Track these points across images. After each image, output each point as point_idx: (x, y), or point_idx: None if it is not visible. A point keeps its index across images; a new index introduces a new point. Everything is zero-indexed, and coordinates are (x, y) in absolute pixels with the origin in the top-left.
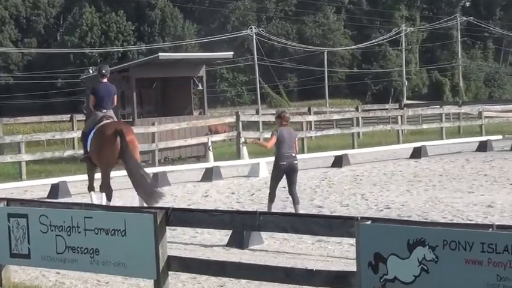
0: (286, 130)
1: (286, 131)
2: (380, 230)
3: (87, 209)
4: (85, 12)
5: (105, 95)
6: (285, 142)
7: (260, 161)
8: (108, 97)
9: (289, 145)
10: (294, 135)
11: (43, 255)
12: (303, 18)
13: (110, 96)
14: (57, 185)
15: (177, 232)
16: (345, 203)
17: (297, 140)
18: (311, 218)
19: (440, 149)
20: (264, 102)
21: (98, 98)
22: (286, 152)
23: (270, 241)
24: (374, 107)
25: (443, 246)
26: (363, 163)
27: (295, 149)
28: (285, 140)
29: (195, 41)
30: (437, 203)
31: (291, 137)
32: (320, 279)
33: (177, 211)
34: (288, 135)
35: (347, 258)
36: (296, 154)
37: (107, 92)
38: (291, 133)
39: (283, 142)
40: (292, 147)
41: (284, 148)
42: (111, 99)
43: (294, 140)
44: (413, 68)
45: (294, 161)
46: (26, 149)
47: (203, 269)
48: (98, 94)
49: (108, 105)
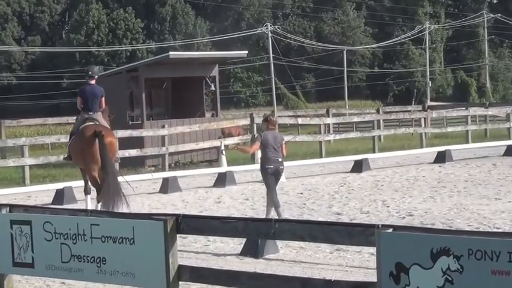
0: (271, 134)
1: (271, 134)
2: (402, 238)
3: (94, 216)
4: (92, 8)
5: (91, 97)
6: (270, 146)
7: None
8: (94, 99)
9: (275, 149)
10: (279, 139)
11: (47, 264)
12: (321, 15)
13: (96, 99)
14: (62, 191)
15: (188, 240)
16: (365, 209)
17: (283, 143)
18: (329, 225)
19: (466, 153)
20: (279, 103)
21: (84, 100)
22: (272, 156)
23: (286, 250)
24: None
25: (469, 256)
26: (384, 168)
27: (281, 153)
28: (269, 144)
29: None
30: (463, 210)
31: (276, 140)
32: None
33: (188, 218)
34: (273, 139)
35: (367, 268)
36: (282, 158)
37: (92, 94)
38: (276, 137)
39: (267, 146)
40: (278, 151)
41: (269, 152)
42: (97, 101)
43: (280, 143)
44: (438, 67)
45: (280, 166)
46: (30, 153)
47: (215, 279)
48: (84, 96)
49: (94, 108)
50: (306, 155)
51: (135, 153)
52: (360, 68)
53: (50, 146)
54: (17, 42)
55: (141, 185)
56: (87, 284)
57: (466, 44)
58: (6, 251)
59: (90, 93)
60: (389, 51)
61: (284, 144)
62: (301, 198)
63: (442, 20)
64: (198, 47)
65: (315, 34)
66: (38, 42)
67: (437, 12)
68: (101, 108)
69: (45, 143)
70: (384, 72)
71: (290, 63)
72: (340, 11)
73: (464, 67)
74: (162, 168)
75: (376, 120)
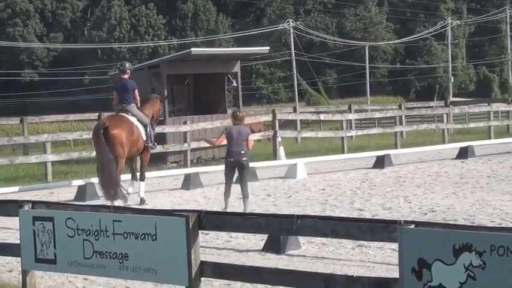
0: (236, 129)
1: (236, 129)
2: (424, 234)
3: (116, 212)
4: (113, 5)
5: (123, 90)
6: (233, 140)
7: (298, 161)
8: (125, 92)
9: (238, 143)
10: (244, 133)
11: (70, 261)
12: (343, 11)
13: (127, 92)
14: (85, 187)
15: (210, 236)
16: (387, 205)
17: (249, 137)
18: (352, 221)
19: (488, 149)
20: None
21: (117, 94)
22: (234, 149)
23: (308, 246)
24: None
25: (491, 252)
26: (406, 164)
27: (246, 147)
28: (233, 138)
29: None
30: (485, 206)
31: (240, 135)
32: (361, 286)
33: (210, 214)
34: (237, 133)
35: (389, 264)
36: (246, 151)
37: (124, 87)
38: (241, 131)
39: (231, 140)
40: (241, 145)
41: (232, 146)
42: (129, 94)
43: (245, 137)
44: (460, 63)
45: (241, 158)
46: (52, 149)
47: (238, 275)
48: (117, 90)
49: (126, 100)
50: (328, 151)
51: (157, 150)
52: (382, 64)
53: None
54: (39, 39)
55: (163, 181)
56: (109, 280)
57: (488, 40)
58: (28, 247)
59: (122, 87)
60: (412, 47)
61: (248, 137)
62: (323, 194)
63: (464, 15)
64: (220, 43)
65: (336, 30)
66: (60, 39)
67: (459, 8)
68: (135, 100)
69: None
70: (406, 68)
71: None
72: (362, 6)
73: (487, 63)
74: (184, 164)
75: (398, 116)
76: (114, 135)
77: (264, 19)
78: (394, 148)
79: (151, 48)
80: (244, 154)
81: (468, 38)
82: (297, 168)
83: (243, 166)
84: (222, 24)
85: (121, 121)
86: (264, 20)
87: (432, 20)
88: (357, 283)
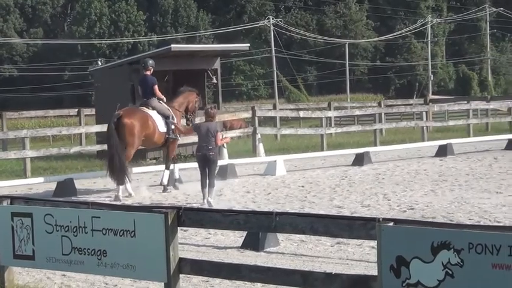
0: (205, 125)
1: (204, 125)
2: (403, 232)
3: (95, 209)
4: (93, 1)
5: (144, 85)
6: (201, 135)
7: (277, 158)
8: (146, 87)
9: (206, 138)
10: (212, 129)
11: (48, 257)
12: (323, 8)
13: (147, 87)
14: (64, 183)
15: (189, 233)
16: (366, 203)
17: (218, 134)
18: (331, 219)
19: (467, 147)
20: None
21: (139, 89)
22: (202, 144)
23: (287, 243)
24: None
25: (469, 250)
26: (386, 161)
27: (214, 142)
28: (201, 133)
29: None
30: (464, 204)
31: (208, 131)
32: (339, 283)
33: (189, 211)
34: (205, 130)
35: (368, 262)
36: (214, 147)
37: (145, 83)
38: (209, 128)
39: (199, 135)
40: (209, 140)
41: (200, 141)
42: (149, 89)
43: (214, 133)
44: (440, 61)
45: (208, 153)
46: (31, 145)
47: (216, 272)
48: (139, 85)
49: (147, 95)
50: (308, 148)
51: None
52: (362, 61)
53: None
54: (19, 34)
55: (143, 177)
56: (88, 276)
57: (468, 38)
58: (7, 243)
59: (143, 82)
60: (392, 44)
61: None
62: (303, 191)
63: (444, 13)
64: (200, 39)
65: (317, 27)
66: (40, 34)
67: (439, 6)
68: (155, 94)
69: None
70: (385, 65)
71: (292, 56)
72: (343, 4)
73: (466, 61)
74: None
75: (377, 113)
76: (125, 124)
77: (244, 16)
78: (373, 145)
79: (131, 44)
80: (212, 149)
81: (448, 36)
82: (276, 165)
83: (210, 160)
84: (202, 20)
85: (135, 112)
86: (244, 17)
87: (412, 18)
88: (335, 280)
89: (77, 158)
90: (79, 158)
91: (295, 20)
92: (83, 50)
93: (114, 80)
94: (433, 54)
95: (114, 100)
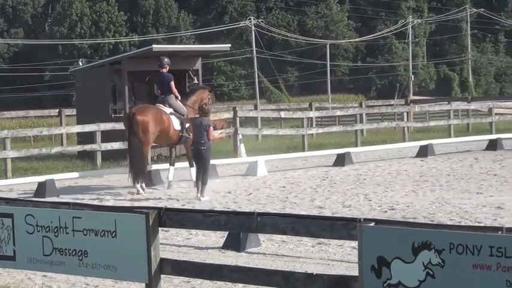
0: (198, 120)
1: (198, 120)
2: (384, 232)
3: (76, 209)
4: (75, 1)
5: (160, 83)
6: (195, 130)
7: (258, 159)
8: (162, 85)
9: (199, 133)
10: (204, 124)
11: (29, 257)
12: (304, 8)
13: (164, 84)
14: (44, 183)
15: (170, 233)
16: (347, 203)
17: (210, 129)
18: (312, 219)
19: (448, 147)
20: (263, 97)
21: (156, 86)
22: (195, 139)
23: (268, 243)
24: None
25: (450, 250)
26: (367, 162)
27: (206, 137)
28: (195, 128)
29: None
30: (444, 204)
31: (200, 126)
32: (320, 283)
33: (170, 211)
34: (199, 124)
35: (349, 262)
36: (206, 141)
37: (161, 80)
38: (202, 123)
39: (194, 130)
40: (201, 134)
41: (194, 135)
42: (166, 86)
43: (206, 128)
44: (420, 62)
45: (200, 147)
46: (12, 145)
47: (197, 272)
48: (156, 82)
49: (164, 92)
50: (289, 148)
51: (118, 146)
52: (343, 62)
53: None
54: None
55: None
56: (69, 277)
57: (448, 39)
58: None
59: (161, 80)
60: (373, 45)
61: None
62: (284, 191)
63: (425, 14)
64: (181, 40)
65: (298, 28)
66: (21, 34)
67: (420, 7)
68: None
69: (27, 136)
70: (367, 66)
71: (273, 57)
72: (324, 4)
73: (447, 61)
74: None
75: (358, 114)
76: (138, 121)
77: (226, 16)
78: (354, 146)
79: (112, 44)
80: (203, 143)
81: (429, 37)
82: (257, 165)
83: (201, 154)
84: (183, 21)
85: (149, 109)
86: (225, 17)
87: (393, 19)
88: (316, 280)
89: (58, 159)
90: (60, 158)
91: (277, 21)
92: (64, 50)
93: (96, 80)
94: (414, 54)
95: (95, 100)
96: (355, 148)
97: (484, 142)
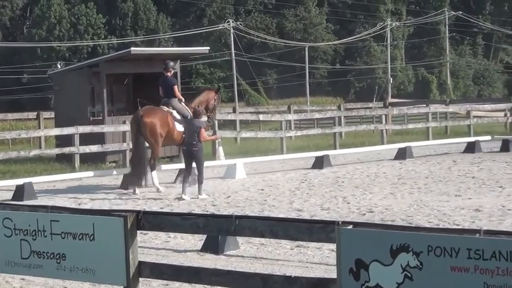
0: (190, 122)
1: (190, 122)
2: (362, 235)
3: (54, 212)
4: (53, 3)
5: (164, 86)
6: (188, 131)
7: (237, 161)
8: (166, 88)
9: (190, 134)
10: (196, 126)
11: (7, 261)
12: (283, 11)
13: (168, 87)
14: (23, 186)
15: (148, 236)
16: (326, 206)
17: (201, 130)
18: (290, 222)
19: (426, 150)
20: (241, 99)
21: (161, 89)
22: (186, 140)
23: (247, 246)
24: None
25: (428, 253)
26: (345, 164)
27: (198, 138)
28: (187, 129)
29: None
30: (423, 207)
31: (191, 128)
32: (299, 286)
33: (148, 214)
34: (190, 126)
35: (327, 265)
36: (197, 142)
37: (165, 83)
38: (193, 124)
39: (186, 132)
40: (193, 136)
41: (186, 137)
42: (170, 89)
43: (197, 130)
44: (399, 64)
45: (191, 148)
46: None
47: (176, 275)
48: (160, 85)
49: (168, 95)
50: (267, 151)
51: (96, 149)
52: (322, 64)
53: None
54: None
55: (102, 180)
56: (47, 280)
57: (427, 41)
58: None
59: (164, 83)
60: (351, 48)
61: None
62: (262, 194)
63: (404, 17)
64: (159, 43)
65: (277, 30)
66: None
67: (398, 10)
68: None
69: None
70: (345, 68)
71: (252, 60)
72: (302, 7)
73: (426, 64)
74: (123, 164)
75: (337, 116)
76: (146, 123)
77: (204, 19)
78: (333, 149)
79: (90, 47)
80: (195, 145)
81: (407, 40)
82: (236, 168)
83: (192, 154)
84: (162, 23)
85: (155, 111)
86: (204, 20)
87: (372, 22)
88: (295, 283)
89: (37, 161)
90: (38, 161)
91: (255, 23)
92: (43, 53)
93: (74, 83)
94: (392, 57)
95: (73, 103)
96: (333, 151)
97: (462, 145)
